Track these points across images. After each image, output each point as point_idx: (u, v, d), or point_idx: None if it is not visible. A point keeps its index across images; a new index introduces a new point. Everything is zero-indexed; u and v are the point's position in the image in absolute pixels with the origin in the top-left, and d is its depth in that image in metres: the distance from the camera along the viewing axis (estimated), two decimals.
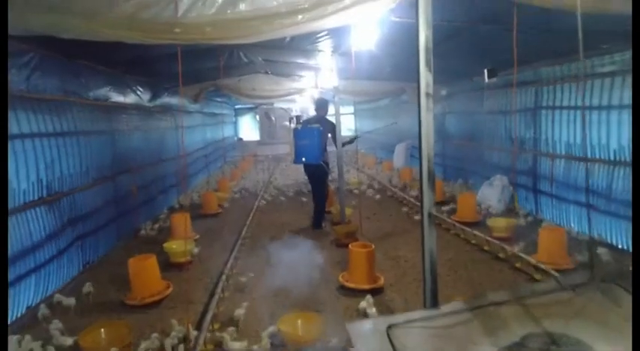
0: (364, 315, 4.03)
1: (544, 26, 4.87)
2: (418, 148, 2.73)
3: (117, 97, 6.90)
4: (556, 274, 4.32)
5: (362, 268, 4.67)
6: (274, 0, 2.35)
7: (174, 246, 5.68)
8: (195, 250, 5.92)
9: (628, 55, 5.11)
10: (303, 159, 6.55)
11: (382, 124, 17.73)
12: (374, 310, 4.02)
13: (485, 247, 5.68)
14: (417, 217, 7.59)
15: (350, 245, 4.82)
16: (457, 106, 10.22)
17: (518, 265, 5.00)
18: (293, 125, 6.80)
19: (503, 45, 6.23)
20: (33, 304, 4.35)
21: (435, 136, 8.85)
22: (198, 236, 6.80)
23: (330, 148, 7.01)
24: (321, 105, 7.14)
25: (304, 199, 9.71)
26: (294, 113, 21.43)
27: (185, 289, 4.82)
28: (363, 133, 18.00)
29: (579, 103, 5.98)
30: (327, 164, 6.84)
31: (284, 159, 18.82)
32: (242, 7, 2.31)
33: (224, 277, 4.89)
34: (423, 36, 2.57)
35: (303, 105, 19.14)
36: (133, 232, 7.10)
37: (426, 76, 2.61)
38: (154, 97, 8.73)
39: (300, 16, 2.34)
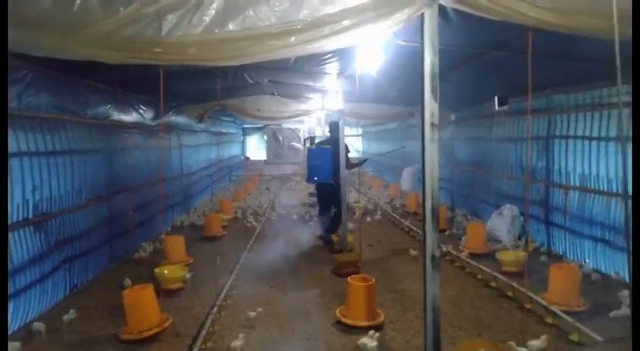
0: None
1: (558, 52, 4.66)
2: (421, 182, 2.49)
3: (117, 116, 6.77)
4: (569, 319, 3.99)
5: (361, 303, 4.37)
6: (266, 20, 2.16)
7: (165, 271, 5.42)
8: (188, 276, 5.66)
9: None
10: (315, 178, 6.93)
11: (390, 147, 17.58)
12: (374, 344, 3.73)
13: (493, 283, 5.35)
14: (419, 245, 7.29)
15: (349, 278, 4.54)
16: (466, 132, 9.99)
17: (528, 305, 4.66)
18: (307, 146, 7.20)
19: (514, 71, 6.07)
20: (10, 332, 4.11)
21: (442, 162, 8.55)
22: (191, 260, 6.54)
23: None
24: (335, 127, 7.30)
25: (309, 223, 9.43)
26: (302, 134, 21.37)
27: (173, 320, 4.55)
28: (372, 156, 17.87)
29: (594, 133, 5.71)
30: (338, 184, 6.96)
31: (290, 179, 18.63)
32: (231, 26, 2.12)
33: (216, 308, 4.60)
34: (429, 61, 2.36)
35: (310, 126, 19.05)
36: (128, 254, 6.87)
37: (431, 105, 2.39)
38: (157, 115, 8.61)
39: (293, 38, 2.14)
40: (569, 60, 4.64)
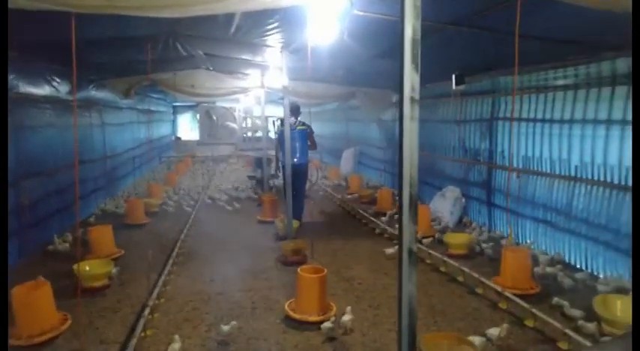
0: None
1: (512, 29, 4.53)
2: (398, 168, 2.16)
3: (24, 88, 5.81)
4: (524, 304, 3.94)
5: (312, 296, 4.04)
6: None
7: (87, 267, 4.74)
8: (114, 271, 5.00)
9: (591, 68, 4.91)
10: (295, 159, 6.94)
11: (329, 129, 17.35)
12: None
13: (442, 268, 5.25)
14: (366, 228, 7.11)
15: (299, 270, 4.18)
16: None
17: (480, 290, 4.60)
18: (276, 127, 7.65)
19: (461, 52, 5.95)
20: None
21: (384, 144, 8.37)
22: (122, 253, 5.84)
23: None
24: (297, 110, 7.46)
25: (249, 207, 8.95)
26: (238, 113, 20.51)
27: (97, 324, 3.95)
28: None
29: (539, 116, 5.75)
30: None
31: (225, 161, 17.85)
32: None
33: (148, 308, 4.05)
34: (410, 25, 2.00)
35: (247, 105, 18.28)
36: (41, 246, 6.01)
37: (411, 77, 2.05)
38: (72, 89, 7.60)
39: None
40: (526, 38, 4.50)
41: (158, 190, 9.69)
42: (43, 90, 6.44)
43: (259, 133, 15.14)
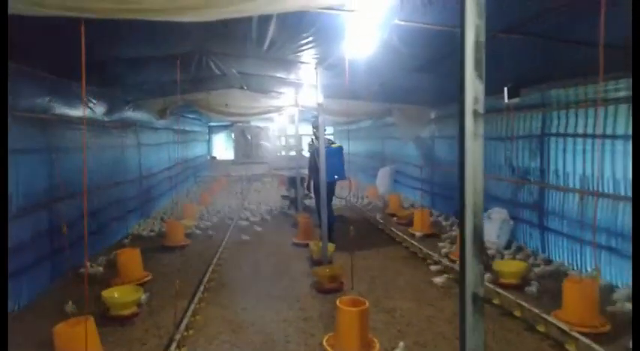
0: None
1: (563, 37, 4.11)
2: (459, 192, 1.82)
3: (60, 109, 5.79)
4: (598, 348, 3.42)
5: (353, 331, 3.67)
6: None
7: (115, 294, 4.55)
8: (144, 297, 4.80)
9: None
10: (336, 177, 7.04)
11: (363, 147, 17.02)
12: None
13: (495, 300, 4.75)
14: (406, 252, 6.66)
15: (338, 302, 3.82)
16: (448, 130, 9.48)
17: (541, 328, 4.07)
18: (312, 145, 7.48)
19: (510, 62, 5.54)
20: None
21: (420, 162, 7.85)
22: (149, 277, 5.65)
23: None
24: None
25: (283, 227, 8.68)
26: (272, 133, 20.53)
27: None
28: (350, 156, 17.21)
29: (600, 131, 5.23)
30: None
31: (259, 180, 17.77)
32: None
33: (175, 343, 3.79)
34: (472, 25, 1.68)
35: (281, 125, 18.27)
36: (75, 269, 5.91)
37: (474, 87, 1.73)
38: (110, 110, 7.63)
39: None
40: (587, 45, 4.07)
41: (192, 211, 9.59)
42: (79, 111, 6.45)
43: (293, 152, 14.95)
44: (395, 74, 6.58)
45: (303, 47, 4.99)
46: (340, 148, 7.28)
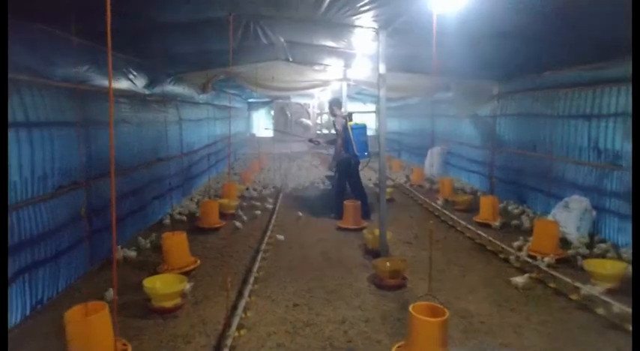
0: None
1: None
2: (632, 178, 1.12)
3: (99, 81, 5.36)
4: None
5: (431, 345, 3.07)
6: None
7: (157, 284, 4.12)
8: (188, 287, 4.37)
9: None
10: (366, 153, 7.36)
11: (409, 125, 16.11)
12: None
13: (600, 310, 3.97)
14: (471, 244, 5.93)
15: (411, 308, 3.21)
16: (514, 108, 8.53)
17: None
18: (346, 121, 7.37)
19: (590, 30, 4.65)
20: None
21: (478, 142, 6.93)
22: (197, 263, 5.22)
23: None
24: (340, 106, 7.80)
25: (326, 210, 8.10)
26: (312, 109, 19.91)
27: None
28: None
29: None
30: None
31: (300, 158, 17.23)
32: None
33: (227, 349, 3.31)
34: None
35: (321, 100, 17.61)
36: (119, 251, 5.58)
37: None
38: (152, 83, 7.21)
39: None
40: None
41: (234, 190, 9.17)
42: (119, 83, 6.03)
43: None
44: (463, 42, 5.77)
45: (366, 6, 4.28)
46: (364, 126, 7.46)
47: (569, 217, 6.17)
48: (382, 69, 5.05)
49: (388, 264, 4.72)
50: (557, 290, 4.42)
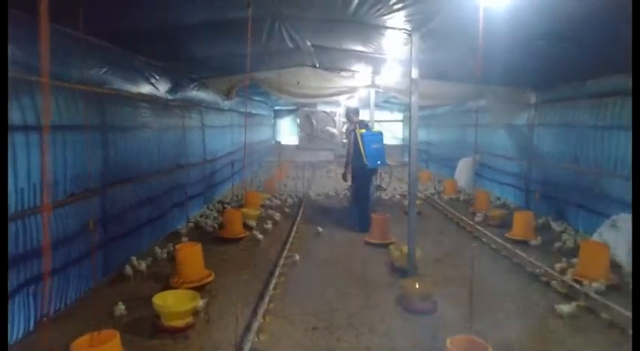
0: None
1: None
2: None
3: (119, 84, 5.20)
4: None
5: None
6: None
7: (169, 300, 3.85)
8: (201, 304, 4.07)
9: None
10: (379, 162, 7.09)
11: (438, 135, 15.60)
12: None
13: None
14: (507, 265, 5.43)
15: (449, 343, 2.81)
16: (552, 117, 8.00)
17: None
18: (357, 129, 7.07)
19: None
20: None
21: (513, 153, 6.42)
22: (212, 277, 4.94)
23: None
24: (358, 114, 7.56)
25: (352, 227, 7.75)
26: (337, 118, 19.62)
27: None
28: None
29: None
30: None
31: (325, 166, 16.88)
32: None
33: None
34: None
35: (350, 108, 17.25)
36: (130, 263, 5.36)
37: None
38: (175, 88, 7.05)
39: None
40: None
41: (256, 199, 8.91)
42: (140, 87, 5.86)
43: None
44: (499, 46, 5.36)
45: (400, 4, 3.95)
46: (381, 133, 7.22)
47: (618, 237, 5.62)
48: (415, 73, 4.69)
49: (418, 286, 4.31)
50: (611, 321, 3.91)
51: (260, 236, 6.55)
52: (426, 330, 3.86)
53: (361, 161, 6.87)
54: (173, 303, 3.80)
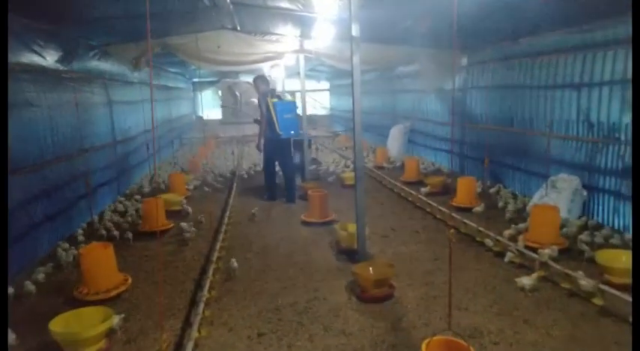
0: None
1: None
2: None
3: None
4: None
5: None
6: None
7: (70, 325, 3.04)
8: (117, 321, 3.30)
9: None
10: (292, 132, 6.97)
11: (368, 102, 15.27)
12: None
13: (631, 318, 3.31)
14: (457, 236, 5.19)
15: (424, 346, 2.36)
16: (485, 79, 7.87)
17: None
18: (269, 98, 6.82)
19: None
20: None
21: (446, 118, 6.08)
22: (129, 282, 4.13)
23: None
24: (267, 82, 7.32)
25: (288, 205, 7.19)
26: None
27: None
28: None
29: None
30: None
31: (253, 141, 15.98)
32: None
33: None
34: None
35: (276, 75, 16.41)
36: (27, 271, 4.38)
37: None
38: (67, 56, 5.86)
39: None
40: None
41: (180, 182, 7.98)
42: (19, 56, 4.70)
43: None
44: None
45: None
46: (294, 103, 7.14)
47: (559, 198, 5.59)
48: (355, 30, 4.09)
49: (372, 271, 3.86)
50: (572, 292, 3.74)
51: (187, 226, 5.71)
52: (386, 321, 3.44)
53: (274, 131, 6.77)
54: (77, 327, 3.00)
